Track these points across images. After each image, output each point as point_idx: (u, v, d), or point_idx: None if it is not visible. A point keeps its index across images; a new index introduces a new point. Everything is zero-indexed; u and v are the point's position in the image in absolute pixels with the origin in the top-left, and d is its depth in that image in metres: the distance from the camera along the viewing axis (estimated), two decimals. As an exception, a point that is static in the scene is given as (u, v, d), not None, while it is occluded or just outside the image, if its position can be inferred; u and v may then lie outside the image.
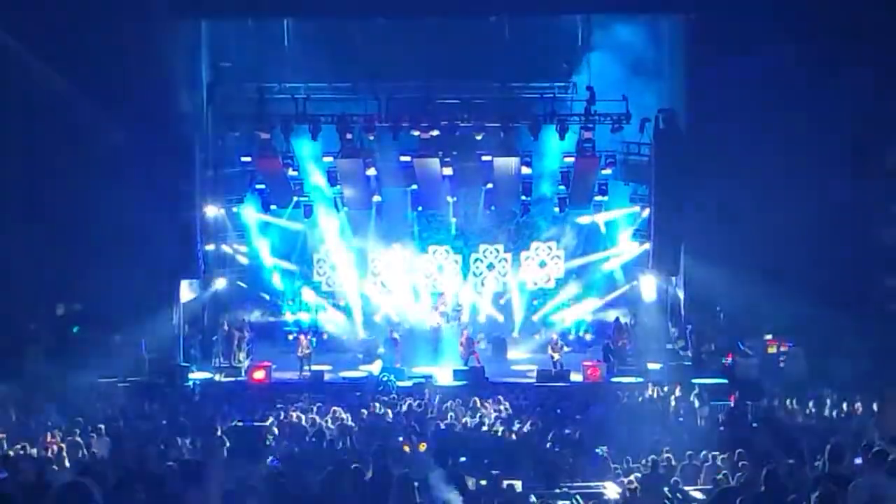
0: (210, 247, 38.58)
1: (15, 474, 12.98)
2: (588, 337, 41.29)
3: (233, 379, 35.83)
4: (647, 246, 39.10)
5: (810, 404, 29.60)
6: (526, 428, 28.14)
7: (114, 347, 33.05)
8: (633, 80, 38.11)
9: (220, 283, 40.12)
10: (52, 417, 27.82)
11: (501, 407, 30.76)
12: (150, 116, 32.90)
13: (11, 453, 21.63)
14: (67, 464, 21.39)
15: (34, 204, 33.20)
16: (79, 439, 24.52)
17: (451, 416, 29.16)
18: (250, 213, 41.79)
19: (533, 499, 18.82)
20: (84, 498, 10.05)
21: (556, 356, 37.46)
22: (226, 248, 40.80)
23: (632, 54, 38.58)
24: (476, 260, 43.48)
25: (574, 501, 19.08)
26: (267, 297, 42.57)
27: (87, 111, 31.17)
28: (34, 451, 23.51)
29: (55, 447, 24.15)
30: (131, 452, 21.86)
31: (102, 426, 26.27)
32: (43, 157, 33.03)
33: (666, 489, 20.08)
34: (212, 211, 38.21)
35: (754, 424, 28.37)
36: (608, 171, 39.24)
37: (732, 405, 30.94)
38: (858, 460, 15.07)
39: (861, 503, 11.91)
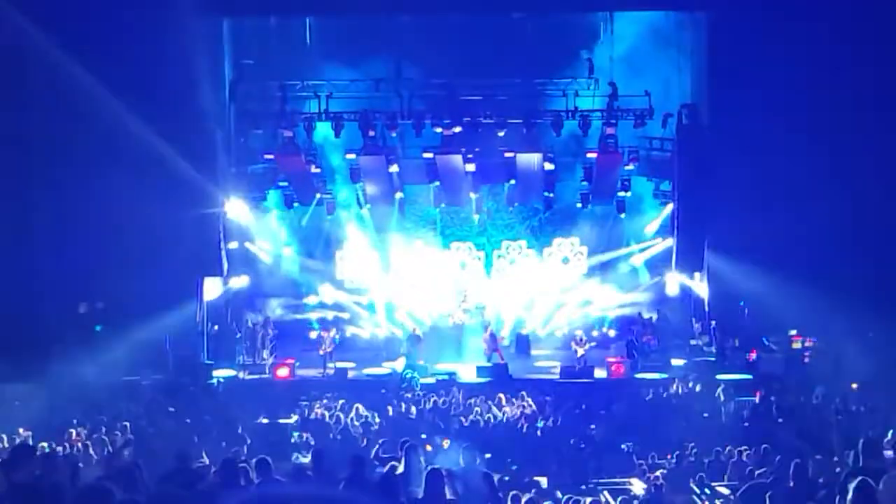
0: (233, 245, 38.56)
1: (49, 472, 12.98)
2: (612, 333, 41.17)
3: (257, 376, 35.85)
4: (671, 242, 39.05)
5: (836, 399, 29.49)
6: (550, 424, 28.12)
7: (137, 346, 33.05)
8: (655, 75, 38.05)
9: (243, 281, 40.10)
10: (77, 415, 27.91)
11: (525, 403, 30.75)
12: (173, 114, 32.88)
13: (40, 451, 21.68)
14: (94, 462, 21.45)
15: (58, 202, 33.24)
16: (104, 437, 24.60)
17: (475, 413, 29.17)
18: (273, 210, 41.82)
19: (558, 495, 18.78)
20: (106, 499, 10.08)
21: (581, 351, 37.39)
22: (249, 246, 40.76)
23: (654, 50, 38.51)
24: (499, 256, 43.41)
25: (600, 497, 19.03)
26: (290, 295, 42.54)
27: (110, 108, 31.17)
28: (59, 448, 23.58)
29: (80, 445, 24.26)
30: (155, 451, 21.90)
31: (127, 424, 26.35)
32: (66, 155, 33.08)
33: (692, 484, 20.07)
34: (235, 208, 38.20)
35: (779, 420, 28.31)
36: (631, 167, 39.17)
37: (757, 401, 30.87)
38: (889, 453, 15.00)
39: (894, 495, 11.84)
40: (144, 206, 31.86)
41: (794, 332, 36.30)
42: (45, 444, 23.75)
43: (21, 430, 25.51)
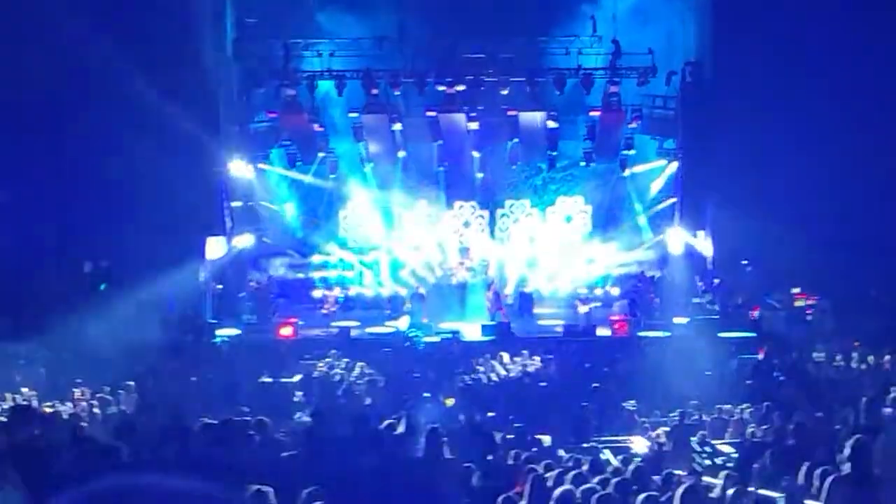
0: (236, 203, 38.57)
1: (49, 431, 13.05)
2: (615, 291, 41.17)
3: (260, 335, 35.86)
4: (674, 199, 39.03)
5: (837, 357, 29.53)
6: (553, 383, 28.18)
7: (141, 305, 33.09)
8: (658, 33, 37.95)
9: (246, 240, 40.08)
10: (81, 374, 27.96)
11: (528, 362, 30.80)
12: (175, 73, 32.85)
13: (46, 410, 21.75)
14: (97, 421, 21.54)
15: (61, 161, 33.22)
16: (108, 396, 24.68)
17: (477, 372, 29.23)
18: (276, 169, 41.80)
19: (561, 453, 18.84)
20: (112, 456, 10.13)
21: (584, 309, 37.40)
22: (252, 205, 40.74)
23: (657, 8, 38.42)
24: (502, 215, 43.35)
25: (602, 455, 19.07)
26: (293, 254, 42.52)
27: (112, 67, 31.12)
28: (63, 408, 23.65)
29: (84, 404, 24.33)
30: (160, 409, 21.97)
31: (131, 383, 26.42)
32: (69, 115, 33.03)
33: (694, 442, 20.10)
34: (238, 167, 38.18)
35: (781, 378, 28.34)
36: (634, 125, 39.09)
37: (760, 358, 30.89)
38: (888, 410, 15.05)
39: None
40: (148, 165, 31.88)
41: (797, 290, 36.30)
42: (49, 404, 23.86)
43: (25, 390, 25.57)
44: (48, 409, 22.21)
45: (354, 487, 11.27)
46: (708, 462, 18.44)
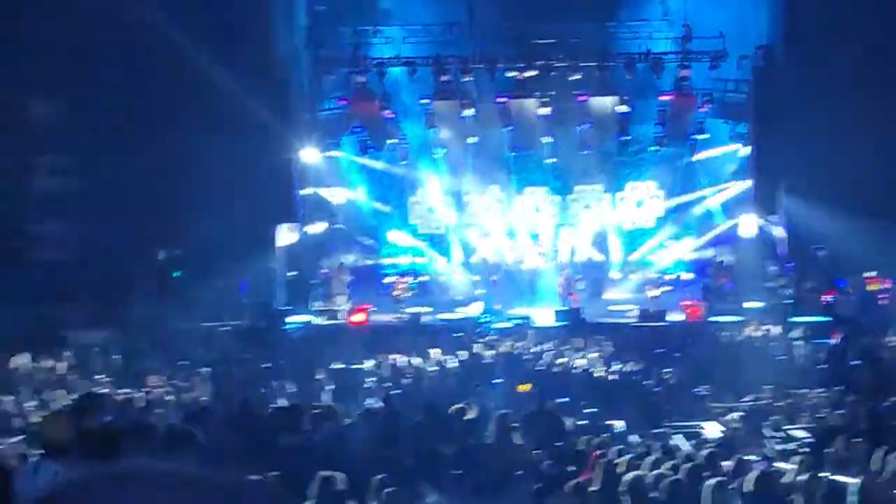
0: (308, 190, 38.74)
1: (120, 417, 13.21)
2: (687, 276, 40.97)
3: (332, 322, 36.03)
4: (747, 184, 38.79)
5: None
6: (625, 368, 28.12)
7: (214, 292, 33.37)
8: (730, 16, 37.64)
9: (318, 227, 40.24)
10: (155, 362, 28.25)
11: (600, 348, 30.75)
12: (247, 61, 33.06)
13: (118, 397, 22.01)
14: (171, 407, 21.76)
15: (134, 148, 33.51)
16: (182, 383, 24.93)
17: (549, 358, 29.21)
18: (347, 156, 41.92)
19: (633, 438, 18.82)
20: (188, 441, 10.23)
21: (655, 293, 37.24)
22: (323, 192, 40.88)
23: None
24: (573, 200, 43.19)
25: (673, 441, 19.03)
26: (365, 241, 42.63)
27: (186, 55, 31.36)
28: (137, 395, 23.92)
29: (158, 391, 24.59)
30: (233, 396, 22.15)
31: (204, 370, 26.67)
32: (143, 103, 33.29)
33: (767, 428, 20.00)
34: (309, 154, 38.35)
35: (855, 362, 28.12)
36: (706, 110, 38.84)
37: (834, 343, 30.65)
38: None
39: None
40: (220, 153, 32.06)
41: (870, 274, 35.96)
42: (123, 391, 24.15)
43: (100, 377, 25.88)
44: (122, 397, 22.50)
45: (425, 473, 11.32)
46: (781, 447, 18.34)
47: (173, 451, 9.72)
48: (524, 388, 24.82)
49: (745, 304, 35.27)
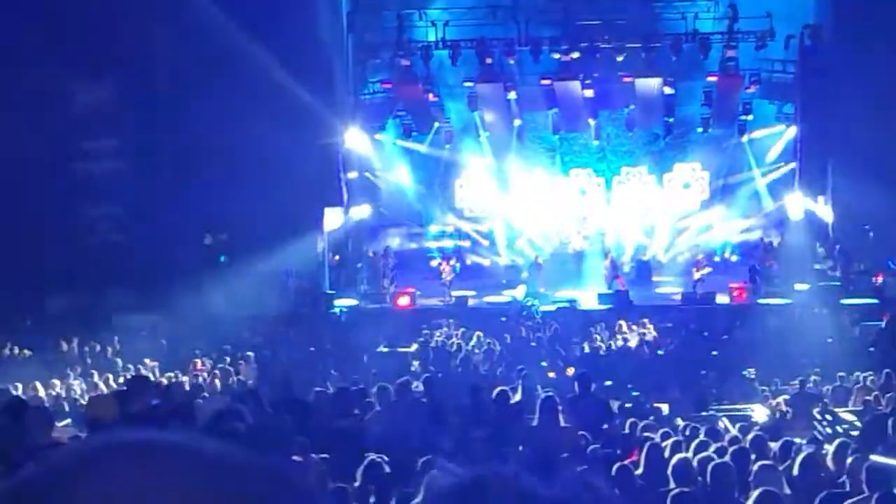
0: (353, 174, 38.77)
1: (167, 401, 13.22)
2: (734, 258, 40.75)
3: (378, 305, 36.08)
4: (794, 165, 38.51)
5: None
6: (671, 351, 28.03)
7: (260, 276, 33.46)
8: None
9: (363, 211, 40.30)
10: (201, 346, 28.37)
11: (646, 330, 30.67)
12: (292, 45, 33.11)
13: (164, 380, 22.09)
14: (218, 391, 21.82)
15: (181, 132, 33.64)
16: (228, 367, 25.01)
17: (595, 340, 29.15)
18: (392, 140, 41.94)
19: (679, 422, 18.70)
20: (238, 421, 10.23)
21: (698, 275, 36.99)
22: (368, 176, 40.92)
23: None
24: (619, 182, 43.03)
25: (720, 424, 18.90)
26: (409, 224, 42.69)
27: (232, 39, 31.42)
28: (185, 378, 24.03)
29: (205, 375, 24.70)
30: (278, 379, 22.19)
31: (250, 354, 26.76)
32: (188, 86, 33.43)
33: (815, 411, 19.84)
34: (354, 138, 38.36)
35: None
36: (752, 90, 38.60)
37: (884, 325, 30.41)
38: None
39: None
40: (266, 137, 32.15)
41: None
42: (170, 375, 24.26)
43: (147, 361, 26.03)
44: (168, 380, 22.59)
45: (470, 455, 11.27)
46: (829, 430, 18.19)
47: (220, 432, 9.69)
48: (570, 371, 24.77)
49: (794, 286, 35.02)
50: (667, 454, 12.46)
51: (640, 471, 11.38)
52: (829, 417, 19.34)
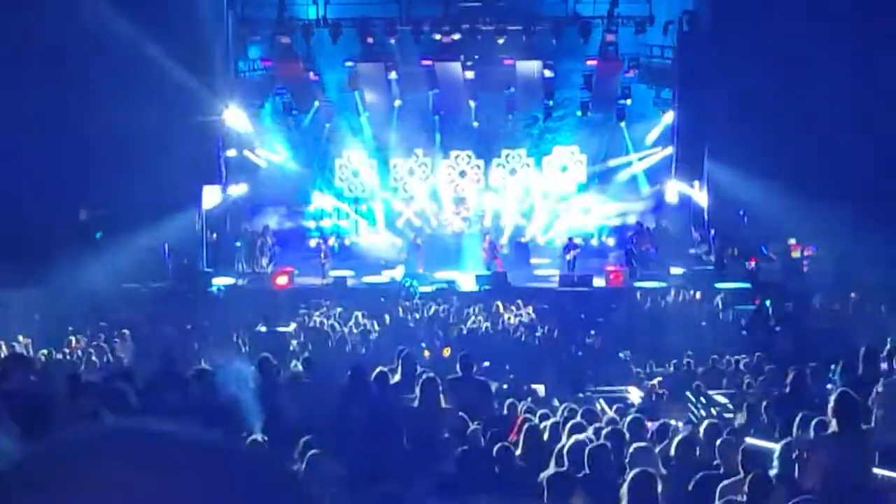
0: (231, 152, 38.43)
1: (47, 379, 13.03)
2: (610, 242, 41.22)
3: (256, 285, 35.88)
4: (671, 150, 38.95)
5: (835, 307, 29.55)
6: (548, 333, 28.20)
7: (137, 253, 33.09)
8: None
9: (242, 189, 39.98)
10: (76, 322, 27.99)
11: (524, 312, 30.83)
12: (171, 22, 32.72)
13: (40, 357, 21.78)
14: (95, 369, 21.53)
15: (57, 109, 33.08)
16: (103, 344, 24.69)
17: (473, 322, 29.24)
18: (271, 118, 41.67)
19: (555, 403, 18.86)
20: (120, 399, 10.10)
21: (569, 256, 37.35)
22: (247, 154, 40.59)
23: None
24: (498, 164, 43.22)
25: (597, 405, 19.09)
26: (289, 203, 42.46)
27: (107, 15, 30.96)
28: (59, 355, 23.70)
29: (80, 351, 24.36)
30: (155, 357, 21.97)
31: (127, 331, 26.45)
32: (64, 62, 32.88)
33: (689, 393, 20.12)
34: (233, 116, 38.01)
35: (777, 328, 28.39)
36: (631, 75, 38.99)
37: (755, 309, 30.91)
38: (885, 366, 15.00)
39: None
40: (143, 114, 31.73)
41: (793, 240, 36.30)
42: (45, 351, 23.90)
43: (21, 338, 25.58)
44: (42, 357, 22.27)
45: (350, 436, 11.25)
46: (703, 412, 18.46)
47: (105, 408, 9.58)
48: (446, 351, 24.85)
49: (670, 270, 35.47)
50: (545, 436, 12.56)
51: (519, 451, 11.45)
52: (702, 399, 19.61)
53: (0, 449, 7.59)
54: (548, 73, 38.94)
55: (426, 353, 24.94)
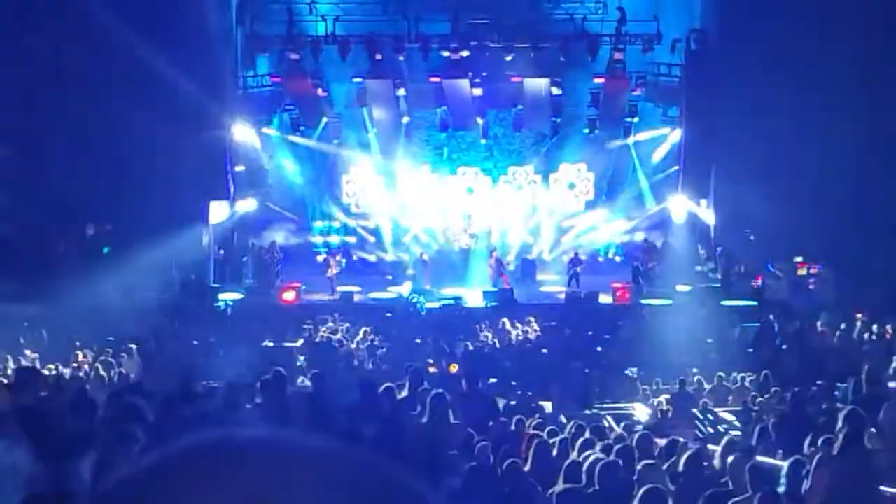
0: (239, 168, 38.51)
1: (56, 393, 13.07)
2: (617, 259, 41.26)
3: (263, 300, 35.91)
4: (677, 168, 39.00)
5: (842, 326, 29.55)
6: (555, 349, 28.23)
7: (144, 268, 33.13)
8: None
9: (249, 205, 40.01)
10: (83, 338, 28.02)
11: (530, 328, 30.86)
12: (179, 37, 32.78)
13: (47, 373, 21.81)
14: (102, 385, 21.57)
15: (65, 124, 33.19)
16: (110, 359, 24.73)
17: (480, 338, 29.27)
18: (279, 134, 41.73)
19: (562, 419, 18.88)
20: (136, 415, 10.14)
21: (573, 271, 37.53)
22: (255, 170, 40.64)
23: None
24: (506, 181, 43.28)
25: (604, 422, 19.11)
26: (296, 219, 42.52)
27: (117, 31, 31.05)
28: (66, 371, 23.74)
29: (86, 367, 24.40)
30: (162, 372, 22.02)
31: (133, 346, 26.49)
32: (74, 78, 33.00)
33: (695, 410, 20.15)
34: (241, 132, 38.09)
35: (783, 347, 28.40)
36: (639, 93, 39.05)
37: (761, 327, 30.91)
38: (893, 384, 15.07)
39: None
40: (151, 129, 31.85)
41: (799, 258, 36.31)
42: (52, 367, 23.94)
43: (28, 352, 25.64)
44: (49, 372, 22.30)
45: (360, 452, 11.29)
46: (710, 430, 18.50)
47: (125, 425, 9.61)
48: (453, 368, 24.86)
49: (676, 287, 35.48)
50: (554, 452, 12.61)
51: (528, 467, 11.50)
52: (709, 417, 19.65)
53: (16, 465, 7.66)
54: (555, 91, 38.99)
55: (432, 370, 24.97)
